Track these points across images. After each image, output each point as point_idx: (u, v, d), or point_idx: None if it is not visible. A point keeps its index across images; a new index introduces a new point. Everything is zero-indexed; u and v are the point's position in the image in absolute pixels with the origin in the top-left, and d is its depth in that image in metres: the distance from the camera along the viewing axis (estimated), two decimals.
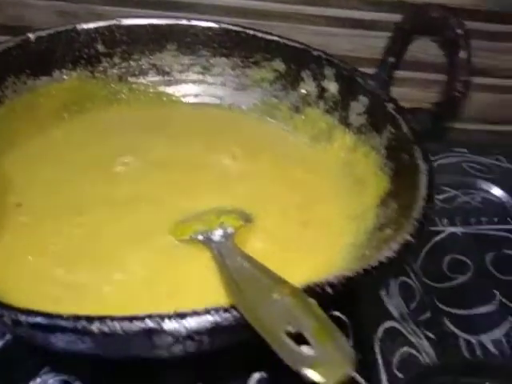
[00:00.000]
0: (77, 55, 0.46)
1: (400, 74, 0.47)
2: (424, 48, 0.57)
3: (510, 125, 0.67)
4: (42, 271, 0.32)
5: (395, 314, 0.43)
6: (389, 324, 0.41)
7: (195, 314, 0.21)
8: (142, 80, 0.50)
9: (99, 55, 0.47)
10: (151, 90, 0.51)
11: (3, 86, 0.42)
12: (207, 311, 0.21)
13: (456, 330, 0.42)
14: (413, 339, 0.41)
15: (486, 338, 0.41)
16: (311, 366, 0.16)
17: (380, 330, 0.41)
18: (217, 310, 0.21)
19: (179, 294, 0.32)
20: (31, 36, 0.43)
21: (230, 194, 0.40)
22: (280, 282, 0.23)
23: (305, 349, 0.16)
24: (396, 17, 0.53)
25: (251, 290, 0.23)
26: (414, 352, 0.40)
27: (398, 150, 0.38)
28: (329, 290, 0.23)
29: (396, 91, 0.45)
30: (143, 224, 0.36)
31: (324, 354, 0.16)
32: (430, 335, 0.42)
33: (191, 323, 0.21)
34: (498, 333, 0.41)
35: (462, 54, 0.33)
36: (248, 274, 0.26)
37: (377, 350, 0.39)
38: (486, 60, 0.61)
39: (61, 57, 0.45)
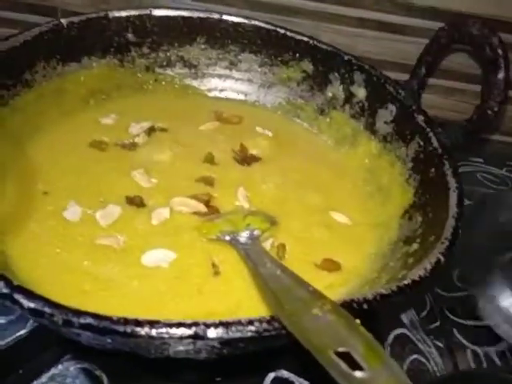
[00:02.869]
0: (107, 43, 0.46)
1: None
2: (450, 56, 0.57)
3: None
4: (70, 263, 0.32)
5: (406, 321, 0.44)
6: (399, 331, 0.42)
7: (239, 323, 0.22)
8: (169, 71, 0.50)
9: (129, 44, 0.47)
10: (177, 82, 0.50)
11: (33, 71, 0.42)
12: (250, 322, 0.22)
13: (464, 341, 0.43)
14: (422, 347, 0.42)
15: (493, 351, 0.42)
16: None
17: (390, 337, 0.42)
18: (260, 321, 0.22)
19: (207, 291, 0.32)
20: (63, 22, 0.42)
21: (254, 193, 0.41)
22: (318, 295, 0.24)
23: (358, 373, 0.17)
24: (428, 23, 0.54)
25: (289, 300, 0.23)
26: (423, 360, 0.41)
27: (426, 163, 0.38)
28: (365, 306, 0.24)
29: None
30: (169, 219, 0.37)
31: (378, 379, 0.17)
32: (439, 344, 0.43)
33: (234, 332, 0.22)
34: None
35: (501, 75, 0.33)
36: (282, 283, 0.26)
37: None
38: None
39: (91, 44, 0.45)
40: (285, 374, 0.35)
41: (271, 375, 0.36)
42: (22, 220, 0.34)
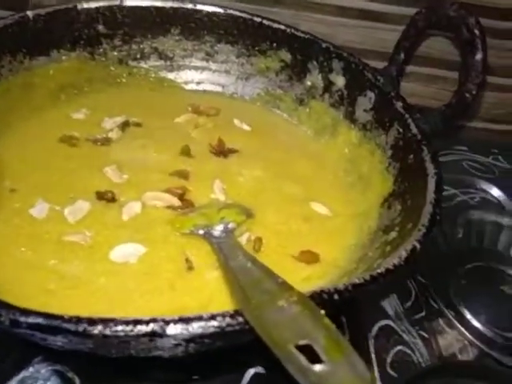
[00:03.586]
0: (76, 35, 0.44)
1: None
2: (430, 43, 0.56)
3: (511, 124, 0.66)
4: (35, 262, 0.31)
5: (390, 312, 0.43)
6: (384, 322, 0.41)
7: (200, 318, 0.20)
8: (143, 64, 0.49)
9: (99, 36, 0.46)
10: (152, 75, 0.49)
11: None
12: (212, 316, 0.21)
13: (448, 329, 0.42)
14: (407, 338, 0.41)
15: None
16: None
17: (375, 329, 0.41)
18: (223, 316, 0.21)
19: (180, 287, 0.31)
20: (29, 14, 0.41)
21: (230, 185, 0.39)
22: (286, 287, 0.22)
23: (317, 366, 0.16)
24: (407, 10, 0.53)
25: (256, 294, 0.22)
26: (407, 351, 0.40)
27: (405, 150, 0.37)
28: (336, 297, 0.23)
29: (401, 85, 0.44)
30: (141, 212, 0.35)
31: (337, 372, 0.16)
32: (424, 335, 0.42)
33: (196, 328, 0.20)
34: None
35: (478, 56, 0.32)
36: (252, 276, 0.25)
37: (371, 348, 0.39)
38: (490, 58, 0.61)
39: (60, 37, 0.43)
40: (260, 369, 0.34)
41: (251, 371, 0.35)
42: None
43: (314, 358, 0.17)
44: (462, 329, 0.41)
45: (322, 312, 0.19)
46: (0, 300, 0.20)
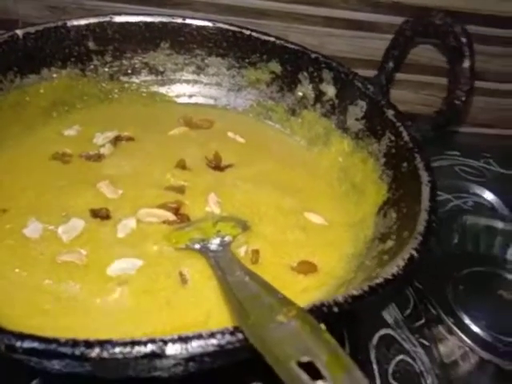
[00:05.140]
0: (67, 53, 0.44)
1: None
2: (418, 50, 0.57)
3: (501, 128, 0.67)
4: (29, 283, 0.31)
5: (390, 320, 0.43)
6: (384, 331, 0.41)
7: (199, 337, 0.20)
8: (134, 79, 0.49)
9: (90, 53, 0.46)
10: (144, 90, 0.49)
11: None
12: (212, 334, 0.20)
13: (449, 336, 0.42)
14: (407, 347, 0.41)
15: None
16: None
17: (375, 338, 0.40)
18: (222, 333, 0.20)
19: (178, 304, 0.31)
20: (19, 33, 0.41)
21: (225, 198, 0.39)
22: (284, 302, 0.22)
23: (319, 383, 0.16)
24: (394, 19, 0.53)
25: (255, 309, 0.22)
26: (409, 360, 0.40)
27: (398, 158, 0.37)
28: (335, 309, 0.22)
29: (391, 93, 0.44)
30: (137, 228, 0.35)
31: None
32: (425, 342, 0.42)
33: (195, 347, 0.20)
34: None
35: (466, 63, 0.32)
36: (250, 291, 0.25)
37: (372, 358, 0.39)
38: (478, 64, 0.62)
39: (50, 54, 0.43)
40: None
41: None
42: None
43: (316, 375, 0.16)
44: (462, 335, 0.41)
45: (323, 327, 0.19)
46: None
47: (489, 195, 0.59)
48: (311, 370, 0.17)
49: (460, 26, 0.33)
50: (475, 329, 0.41)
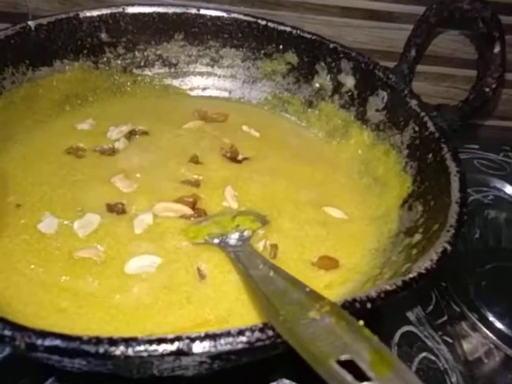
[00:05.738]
0: (79, 45, 0.43)
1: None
2: (436, 41, 0.55)
3: None
4: (46, 280, 0.30)
5: (412, 317, 0.41)
6: (406, 328, 0.40)
7: (228, 334, 0.19)
8: (147, 72, 0.47)
9: (103, 45, 0.45)
10: (157, 83, 0.48)
11: (1, 77, 0.39)
12: (241, 331, 0.19)
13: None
14: (430, 344, 0.40)
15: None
16: None
17: (397, 336, 0.39)
18: (252, 330, 0.19)
19: (198, 300, 0.30)
20: (31, 24, 0.40)
21: (242, 192, 0.38)
22: (315, 297, 0.21)
23: None
24: (414, 8, 0.52)
25: (284, 305, 0.21)
26: (432, 358, 0.39)
27: (423, 149, 0.36)
28: (369, 305, 0.21)
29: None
30: (153, 223, 0.34)
31: None
32: (448, 339, 0.40)
33: (224, 345, 0.19)
34: None
35: (496, 48, 0.31)
36: (276, 286, 0.24)
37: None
38: None
39: (62, 46, 0.42)
40: (286, 383, 0.33)
41: None
42: None
43: (358, 374, 0.15)
44: (487, 331, 0.40)
45: (361, 322, 0.18)
46: (13, 322, 0.19)
47: (509, 189, 0.57)
48: (351, 368, 0.16)
49: (489, 10, 0.31)
50: (499, 325, 0.40)
